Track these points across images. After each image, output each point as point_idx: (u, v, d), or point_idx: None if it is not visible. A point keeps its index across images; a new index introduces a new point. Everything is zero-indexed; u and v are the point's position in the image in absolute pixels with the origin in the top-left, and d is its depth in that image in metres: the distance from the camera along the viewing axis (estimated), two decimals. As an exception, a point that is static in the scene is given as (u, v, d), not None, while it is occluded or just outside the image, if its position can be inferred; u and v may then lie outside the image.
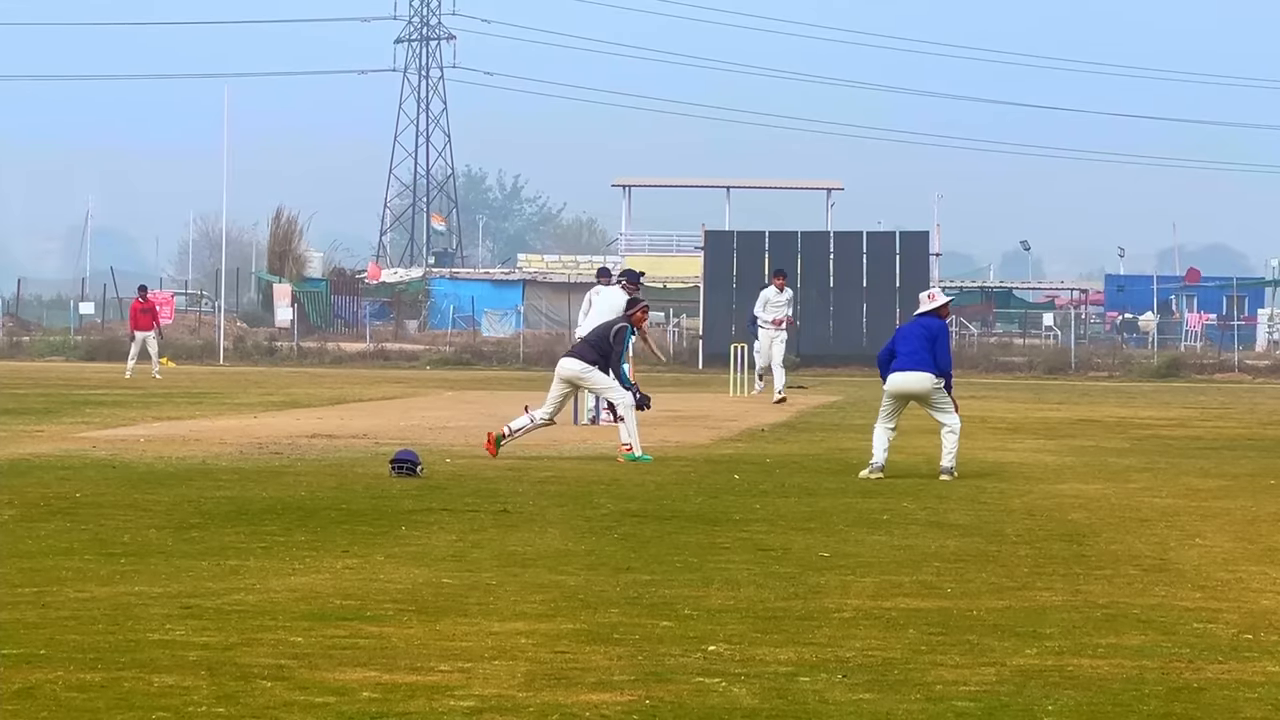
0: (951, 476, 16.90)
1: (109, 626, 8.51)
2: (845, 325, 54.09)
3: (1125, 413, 30.74)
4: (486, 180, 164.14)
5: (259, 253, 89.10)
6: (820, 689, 7.31)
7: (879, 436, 17.28)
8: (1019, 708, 7.02)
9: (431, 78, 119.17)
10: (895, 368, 17.21)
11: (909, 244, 56.07)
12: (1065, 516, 13.90)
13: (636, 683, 7.37)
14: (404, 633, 8.46)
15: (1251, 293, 78.66)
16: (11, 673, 7.39)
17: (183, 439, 20.63)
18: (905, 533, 12.72)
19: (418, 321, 76.34)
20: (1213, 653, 8.22)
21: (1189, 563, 11.35)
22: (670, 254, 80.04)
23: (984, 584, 10.29)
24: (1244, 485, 16.76)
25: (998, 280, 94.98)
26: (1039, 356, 57.61)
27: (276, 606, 9.14)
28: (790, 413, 28.93)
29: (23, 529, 12.26)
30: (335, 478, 16.07)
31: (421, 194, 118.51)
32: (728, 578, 10.36)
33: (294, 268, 76.67)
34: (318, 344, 60.85)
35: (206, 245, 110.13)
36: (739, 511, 13.85)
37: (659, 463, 18.31)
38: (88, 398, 30.53)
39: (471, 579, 10.21)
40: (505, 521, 13.01)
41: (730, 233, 59.39)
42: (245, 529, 12.37)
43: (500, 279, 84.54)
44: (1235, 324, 65.30)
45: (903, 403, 17.33)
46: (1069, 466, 18.78)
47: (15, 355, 59.26)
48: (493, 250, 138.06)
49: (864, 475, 17.00)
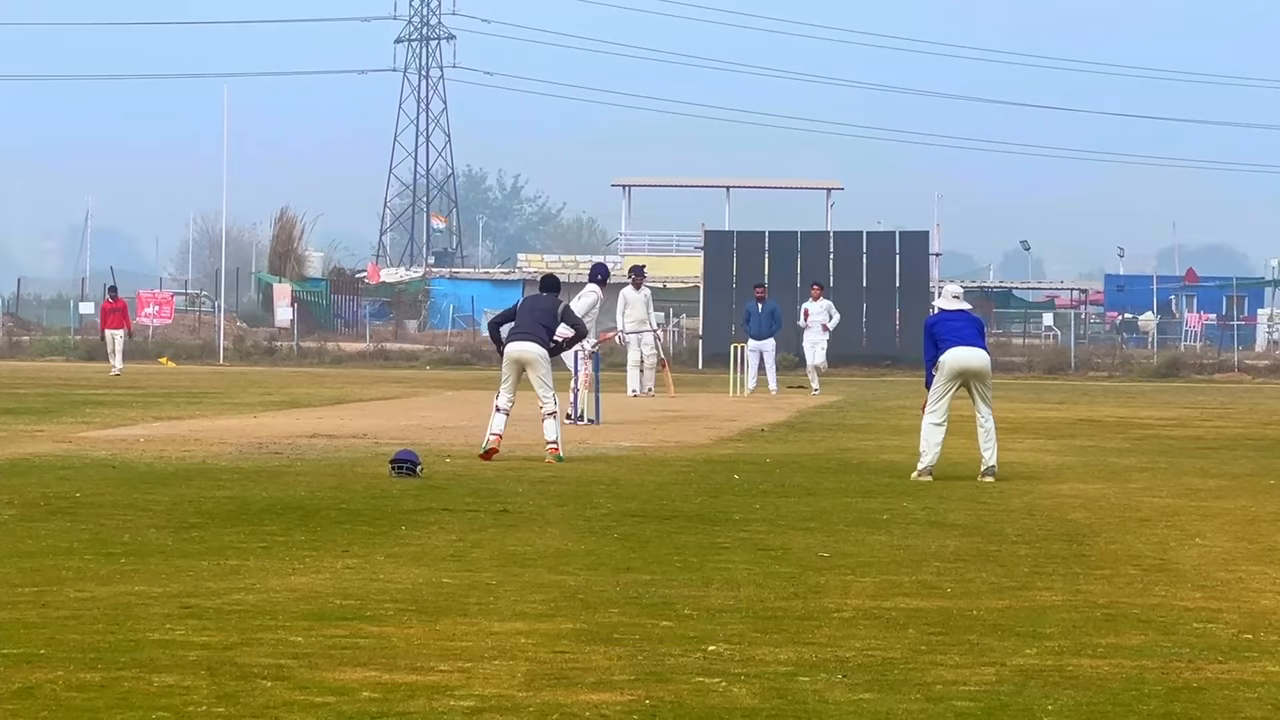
0: (994, 477, 16.72)
1: (109, 626, 8.51)
2: (845, 325, 53.91)
3: (1125, 413, 30.74)
4: (486, 180, 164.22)
5: (259, 253, 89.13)
6: (820, 689, 7.31)
7: (930, 433, 16.79)
8: (1019, 708, 7.02)
9: (431, 78, 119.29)
10: (953, 344, 16.75)
11: (909, 244, 56.04)
12: (1065, 516, 13.90)
13: (636, 683, 7.37)
14: (404, 633, 8.46)
15: (1251, 293, 78.70)
16: (11, 673, 7.40)
17: (183, 439, 20.63)
18: (905, 533, 12.72)
19: (418, 321, 76.38)
20: (1213, 653, 8.22)
21: (1189, 563, 11.35)
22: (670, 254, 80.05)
23: (984, 584, 10.29)
24: (1244, 485, 16.76)
25: (998, 280, 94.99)
26: (1039, 356, 57.58)
27: (276, 606, 9.15)
28: (790, 412, 28.94)
29: (23, 529, 12.27)
30: (335, 478, 16.07)
31: (421, 194, 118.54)
32: (728, 578, 10.36)
33: (294, 268, 76.69)
34: (317, 344, 60.82)
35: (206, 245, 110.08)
36: (739, 511, 13.85)
37: (659, 463, 18.31)
38: (88, 398, 30.52)
39: (471, 579, 10.21)
40: (505, 521, 13.02)
41: (730, 233, 59.37)
42: (245, 529, 12.37)
43: (500, 279, 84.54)
44: (1235, 324, 65.29)
45: (956, 384, 16.86)
46: (1069, 466, 18.77)
47: (15, 355, 59.27)
48: (493, 250, 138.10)
49: (915, 477, 16.70)
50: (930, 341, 17.00)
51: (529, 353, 18.38)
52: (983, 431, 16.97)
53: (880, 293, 54.46)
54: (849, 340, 54.00)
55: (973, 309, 17.69)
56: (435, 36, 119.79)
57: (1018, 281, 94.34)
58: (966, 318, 17.13)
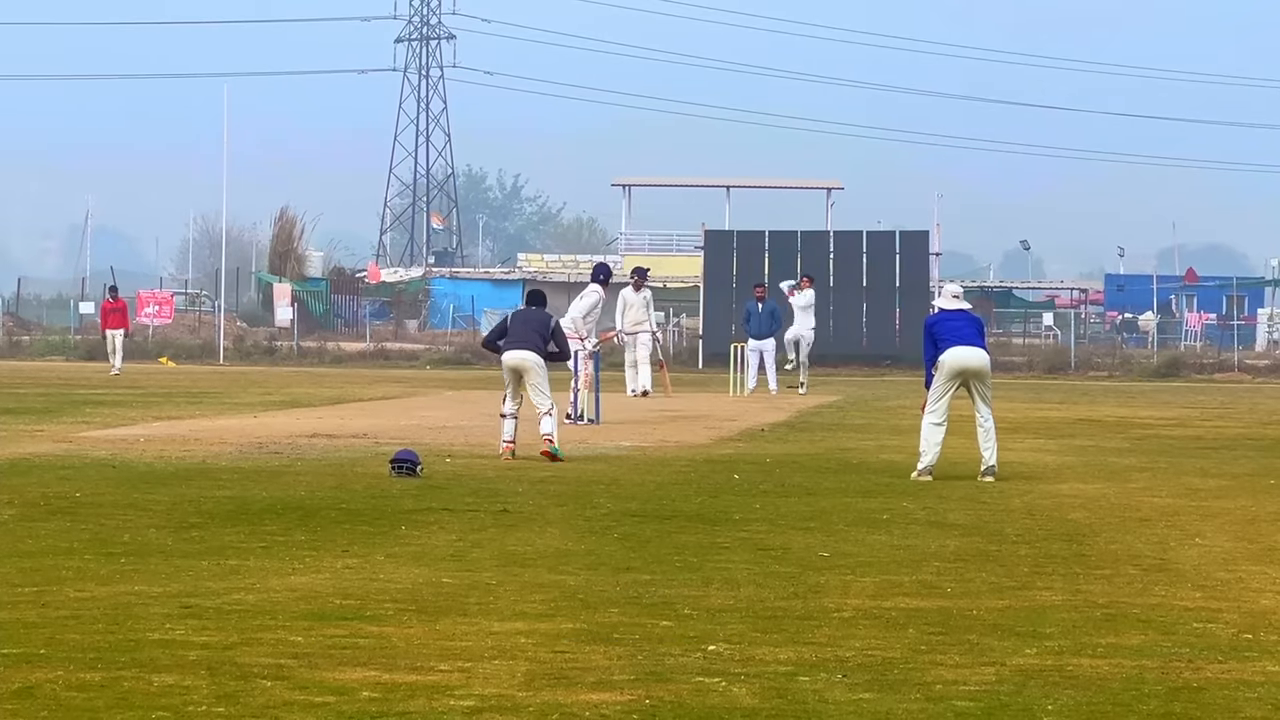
0: (994, 477, 16.76)
1: (109, 626, 8.51)
2: (845, 325, 54.04)
3: (1125, 412, 30.74)
4: (486, 180, 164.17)
5: (259, 253, 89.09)
6: (820, 689, 7.31)
7: (930, 433, 16.80)
8: (1019, 708, 7.02)
9: (431, 77, 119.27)
10: (952, 344, 16.77)
11: (909, 244, 56.02)
12: (1065, 516, 13.90)
13: (636, 682, 7.37)
14: (404, 632, 8.46)
15: (1251, 292, 78.66)
16: (11, 672, 7.40)
17: (183, 439, 20.63)
18: (905, 532, 12.72)
19: (418, 321, 76.32)
20: (1213, 652, 8.22)
21: (1189, 562, 11.36)
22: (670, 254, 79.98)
23: (984, 584, 10.30)
24: (1244, 485, 16.76)
25: (998, 280, 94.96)
26: (1039, 356, 57.57)
27: (276, 606, 9.15)
28: (790, 412, 28.94)
29: (23, 528, 12.27)
30: (335, 478, 16.07)
31: (421, 193, 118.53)
32: (728, 578, 10.37)
33: (294, 267, 76.68)
34: (318, 344, 60.80)
35: (206, 245, 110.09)
36: (739, 511, 13.85)
37: (659, 463, 18.31)
38: (88, 397, 30.52)
39: (471, 579, 10.21)
40: (505, 521, 13.02)
41: (730, 232, 59.35)
42: (245, 529, 12.38)
43: (500, 278, 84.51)
44: (1235, 324, 65.28)
45: (955, 384, 16.87)
46: (1069, 466, 18.77)
47: (15, 355, 59.25)
48: (493, 250, 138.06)
49: (915, 477, 16.71)
50: (930, 341, 17.00)
51: (524, 360, 18.78)
52: (982, 431, 16.97)
53: (880, 292, 54.46)
54: (849, 340, 54.05)
55: (972, 308, 17.69)
56: (435, 36, 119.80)
57: (1018, 281, 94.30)
58: (966, 317, 17.13)
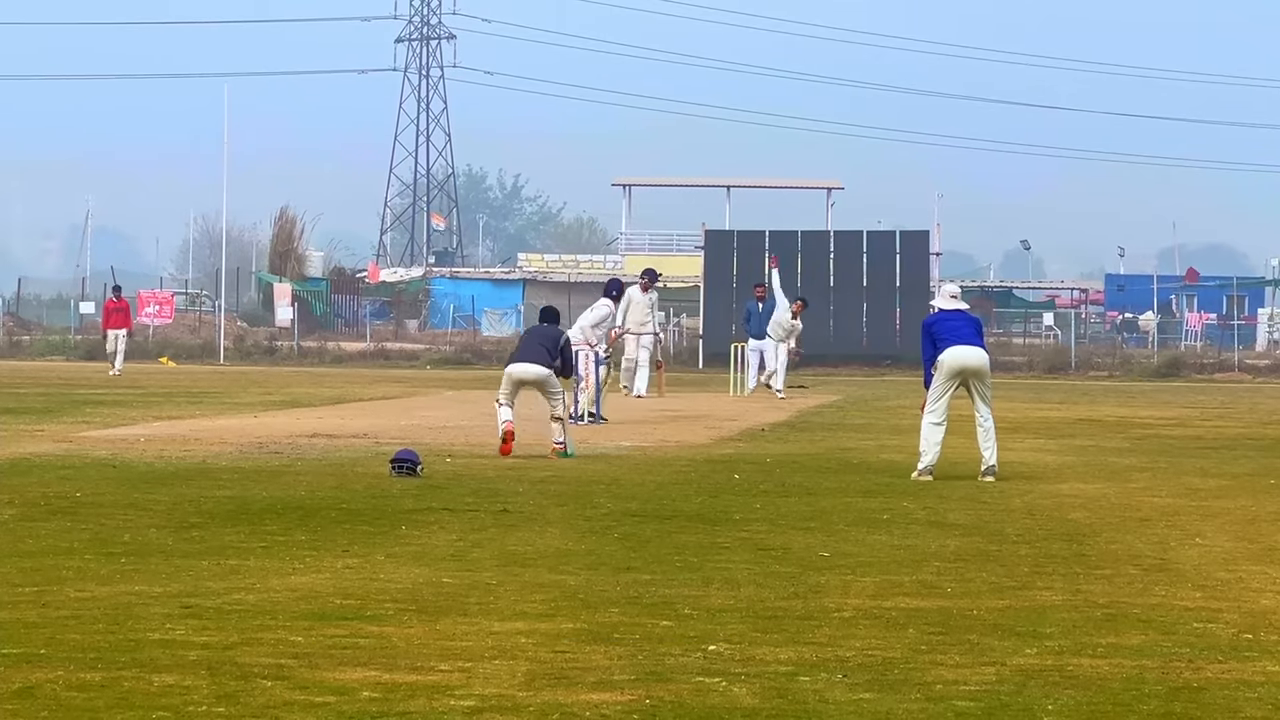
0: (994, 477, 16.75)
1: (109, 626, 8.51)
2: (845, 325, 54.07)
3: (1125, 412, 30.75)
4: (486, 180, 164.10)
5: (259, 253, 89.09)
6: (820, 689, 7.31)
7: (930, 433, 16.78)
8: (1019, 708, 7.02)
9: (432, 77, 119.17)
10: (951, 344, 16.76)
11: (909, 244, 56.04)
12: (1065, 516, 13.90)
13: (636, 682, 7.37)
14: (404, 632, 8.46)
15: (1251, 292, 78.63)
16: (11, 672, 7.40)
17: (183, 439, 20.63)
18: (905, 532, 12.72)
19: (418, 321, 76.30)
20: (1213, 652, 8.22)
21: (1189, 562, 11.35)
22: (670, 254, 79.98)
23: (984, 584, 10.29)
24: (1244, 485, 16.76)
25: (998, 280, 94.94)
26: (1039, 356, 57.59)
27: (276, 606, 9.15)
28: (790, 412, 28.95)
29: (23, 528, 12.27)
30: (335, 478, 16.07)
31: (422, 193, 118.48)
32: (728, 577, 10.37)
33: (295, 267, 76.67)
34: (318, 343, 60.82)
35: (207, 245, 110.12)
36: (739, 511, 13.85)
37: (659, 463, 18.31)
38: (88, 397, 30.52)
39: (471, 579, 10.21)
40: (505, 521, 13.02)
41: (730, 232, 59.37)
42: (245, 529, 12.38)
43: (500, 278, 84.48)
44: (1235, 324, 65.29)
45: (955, 384, 16.86)
46: (1069, 466, 18.77)
47: (15, 355, 59.26)
48: (493, 250, 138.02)
49: (915, 477, 16.70)
50: (929, 341, 17.01)
51: (529, 372, 19.12)
52: (982, 431, 16.97)
53: (880, 292, 54.48)
54: (849, 340, 54.07)
55: (970, 308, 17.70)
56: (435, 36, 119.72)
57: (1018, 281, 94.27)
58: (964, 317, 17.14)
